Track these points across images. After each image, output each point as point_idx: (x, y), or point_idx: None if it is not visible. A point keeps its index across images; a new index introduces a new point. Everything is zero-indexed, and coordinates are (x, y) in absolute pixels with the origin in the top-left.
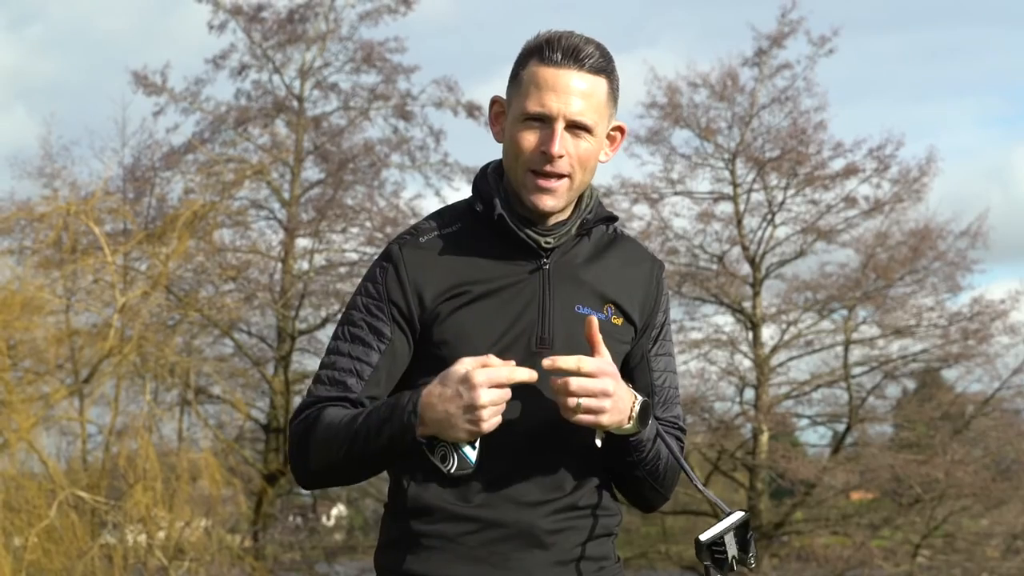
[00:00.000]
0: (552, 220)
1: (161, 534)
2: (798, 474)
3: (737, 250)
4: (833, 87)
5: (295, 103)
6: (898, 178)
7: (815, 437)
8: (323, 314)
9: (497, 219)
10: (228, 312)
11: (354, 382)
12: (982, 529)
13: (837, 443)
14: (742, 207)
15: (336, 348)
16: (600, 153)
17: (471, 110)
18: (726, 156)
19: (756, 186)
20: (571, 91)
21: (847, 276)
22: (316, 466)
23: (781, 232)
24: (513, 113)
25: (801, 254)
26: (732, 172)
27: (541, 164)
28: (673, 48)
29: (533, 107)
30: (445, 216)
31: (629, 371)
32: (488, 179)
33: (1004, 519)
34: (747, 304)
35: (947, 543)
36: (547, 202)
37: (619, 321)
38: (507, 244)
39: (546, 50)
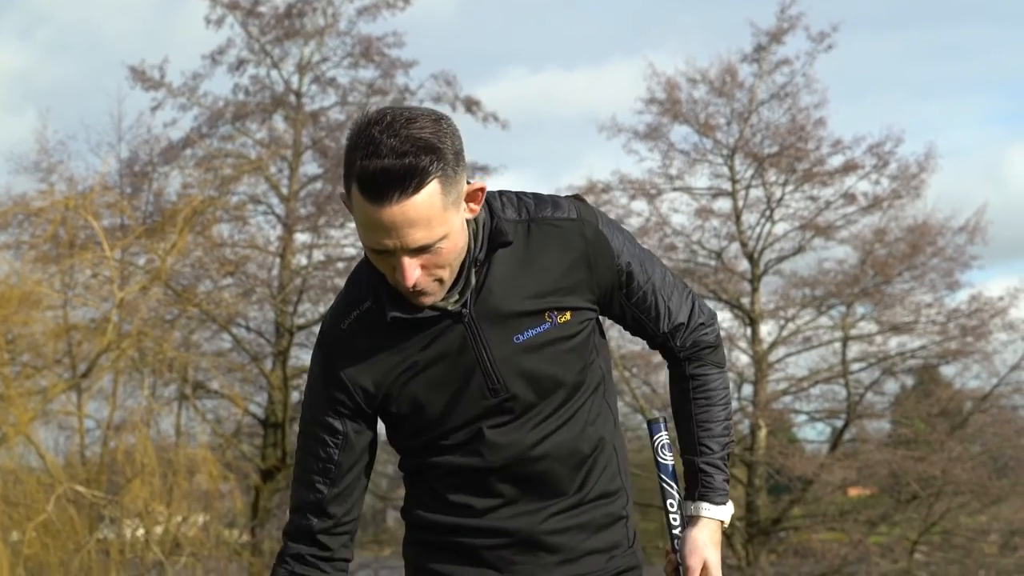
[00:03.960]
0: None
1: (159, 529)
2: (796, 470)
3: (736, 246)
4: (833, 85)
5: (293, 98)
6: (897, 174)
7: (813, 433)
8: (321, 309)
9: (391, 321)
10: (226, 307)
11: (321, 484)
12: (979, 526)
13: (835, 439)
14: (741, 203)
15: (303, 447)
16: (462, 233)
17: (469, 105)
18: (725, 152)
19: (755, 182)
20: (401, 225)
21: (845, 272)
22: None
23: (779, 228)
24: (358, 233)
25: (799, 250)
26: (731, 168)
27: (403, 285)
28: (678, 51)
29: (371, 244)
30: (357, 289)
31: (619, 319)
32: (373, 270)
33: (1002, 516)
34: (745, 300)
35: (944, 539)
36: (426, 301)
37: (567, 316)
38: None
39: (363, 183)
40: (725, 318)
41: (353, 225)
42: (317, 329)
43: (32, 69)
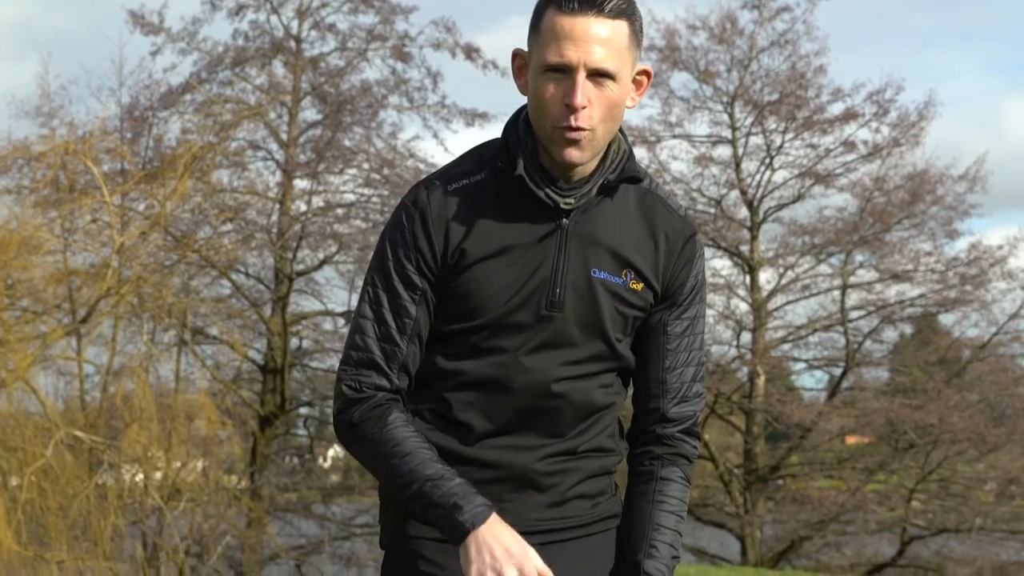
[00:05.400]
0: (576, 176)
1: (157, 474)
2: (794, 418)
3: (735, 194)
4: (834, 33)
5: (293, 44)
6: (897, 123)
7: (811, 381)
8: (320, 255)
9: (516, 179)
10: (226, 253)
11: (399, 338)
12: (976, 474)
13: (833, 387)
14: (740, 151)
15: (376, 301)
16: (626, 99)
17: (469, 52)
18: (725, 99)
19: (754, 130)
20: (591, 39)
21: (845, 220)
22: (363, 464)
23: (779, 176)
24: (534, 65)
25: (799, 198)
26: (731, 115)
27: (565, 118)
28: (678, 1)
29: (553, 58)
30: (476, 161)
31: (642, 338)
32: (518, 129)
33: (998, 464)
34: (745, 248)
35: (941, 488)
36: (574, 154)
37: (638, 286)
38: (528, 201)
39: None
40: (725, 266)
41: (352, 171)
42: (316, 276)
43: (35, 18)
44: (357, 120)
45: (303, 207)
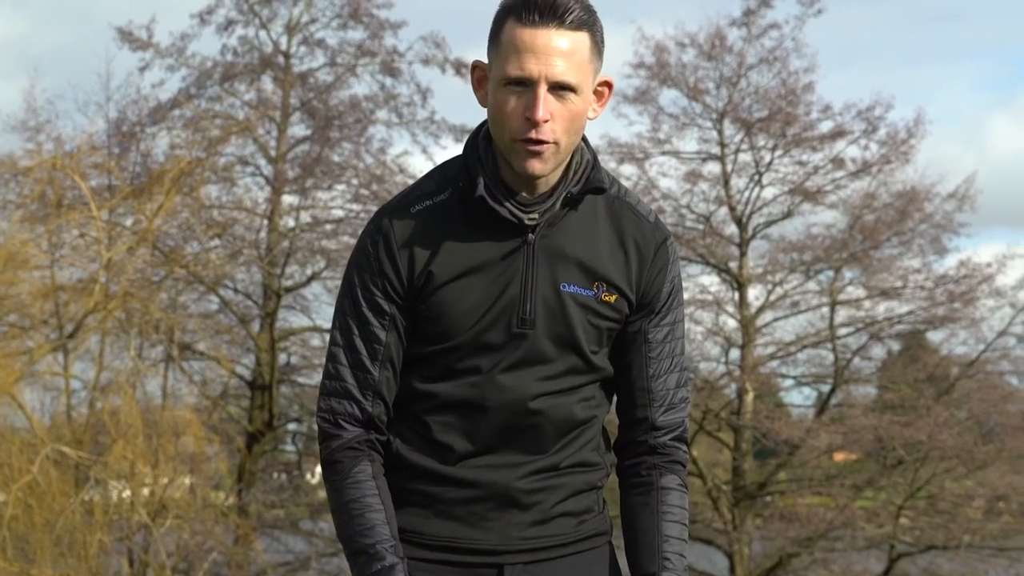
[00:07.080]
0: (539, 188)
1: (144, 491)
2: (782, 435)
3: (724, 210)
4: (824, 50)
5: (281, 59)
6: (886, 140)
7: (800, 398)
8: (309, 271)
9: (478, 199)
10: (214, 269)
11: (370, 364)
12: (965, 491)
13: (822, 404)
14: (729, 167)
15: (346, 330)
16: (587, 111)
17: (459, 67)
18: (714, 116)
19: (743, 146)
20: (552, 51)
21: (833, 237)
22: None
23: (768, 193)
24: (494, 77)
25: (788, 215)
26: (720, 132)
27: (526, 131)
28: (668, 20)
29: (513, 71)
30: (437, 180)
31: (623, 348)
32: (479, 147)
33: (987, 481)
34: (733, 264)
35: (930, 505)
36: (536, 166)
37: (611, 297)
38: (493, 219)
39: (523, 9)
40: (713, 282)
41: (341, 187)
42: (304, 292)
43: (28, 35)
44: (346, 135)
45: (291, 223)
